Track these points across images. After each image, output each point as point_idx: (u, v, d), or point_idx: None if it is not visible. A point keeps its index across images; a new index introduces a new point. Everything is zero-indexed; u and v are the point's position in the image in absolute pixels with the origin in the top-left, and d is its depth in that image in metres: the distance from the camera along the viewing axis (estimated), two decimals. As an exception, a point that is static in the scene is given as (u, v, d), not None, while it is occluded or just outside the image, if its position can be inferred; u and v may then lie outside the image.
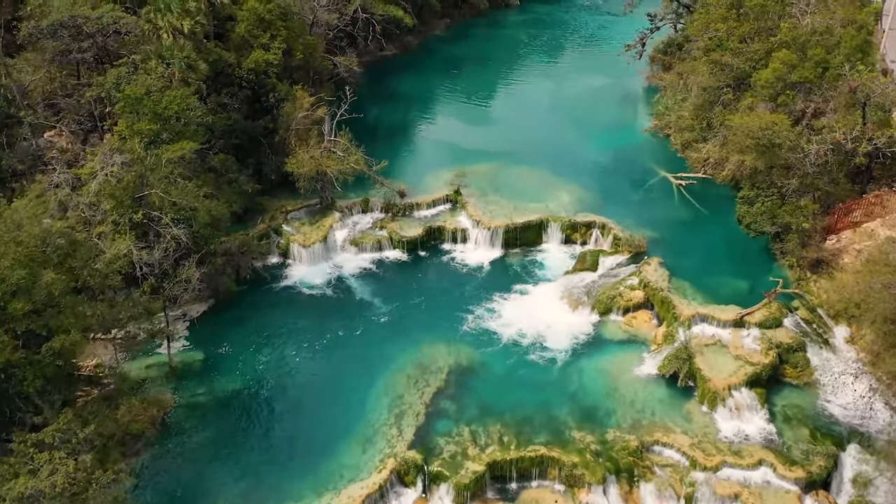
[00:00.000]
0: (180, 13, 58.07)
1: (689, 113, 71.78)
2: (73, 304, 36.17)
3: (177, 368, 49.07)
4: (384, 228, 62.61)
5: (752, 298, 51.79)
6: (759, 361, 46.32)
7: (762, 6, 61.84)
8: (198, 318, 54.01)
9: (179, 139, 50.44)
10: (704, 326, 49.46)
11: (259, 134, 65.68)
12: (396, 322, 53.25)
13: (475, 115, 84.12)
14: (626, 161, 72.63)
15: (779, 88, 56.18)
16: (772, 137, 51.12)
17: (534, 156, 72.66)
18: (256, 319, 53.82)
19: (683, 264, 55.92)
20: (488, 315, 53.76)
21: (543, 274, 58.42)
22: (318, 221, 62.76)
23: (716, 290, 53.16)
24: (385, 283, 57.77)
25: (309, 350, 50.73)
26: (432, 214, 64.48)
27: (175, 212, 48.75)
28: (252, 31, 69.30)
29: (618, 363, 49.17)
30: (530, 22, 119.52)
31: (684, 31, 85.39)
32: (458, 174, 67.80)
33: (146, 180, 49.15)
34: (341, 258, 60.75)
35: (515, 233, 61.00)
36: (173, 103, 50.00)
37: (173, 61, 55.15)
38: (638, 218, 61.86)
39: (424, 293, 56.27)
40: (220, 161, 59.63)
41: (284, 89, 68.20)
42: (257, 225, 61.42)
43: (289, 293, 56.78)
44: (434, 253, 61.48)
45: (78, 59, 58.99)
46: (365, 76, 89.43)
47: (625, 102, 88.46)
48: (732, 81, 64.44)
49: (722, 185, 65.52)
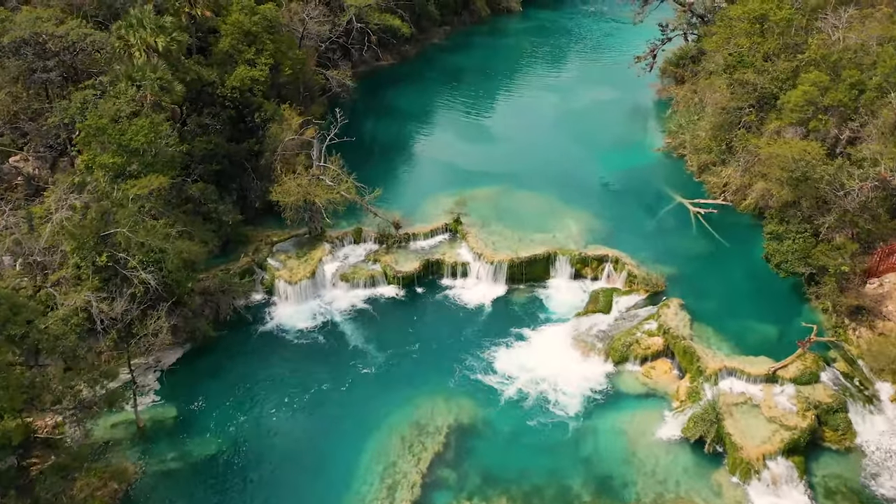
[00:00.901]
0: (154, 29, 53.04)
1: (706, 133, 66.74)
2: (5, 380, 30.91)
3: (145, 427, 44.05)
4: (378, 262, 57.58)
5: (783, 347, 46.85)
6: (795, 425, 41.30)
7: (789, 20, 56.79)
8: (172, 367, 48.97)
9: (149, 172, 45.30)
10: (733, 381, 44.43)
11: (243, 158, 60.65)
12: (390, 372, 48.23)
13: (476, 131, 79.05)
14: (638, 184, 67.61)
15: (810, 112, 51.13)
16: (806, 170, 46.04)
17: (539, 178, 67.70)
18: (236, 368, 48.81)
19: (705, 306, 50.93)
20: (491, 363, 48.75)
21: (552, 315, 53.37)
22: (306, 254, 57.71)
23: (742, 336, 48.18)
24: (378, 325, 52.70)
25: (292, 406, 45.68)
26: (430, 246, 59.47)
27: (143, 254, 43.72)
28: (237, 45, 64.44)
29: (636, 423, 44.17)
30: (533, 29, 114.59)
31: (698, 42, 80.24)
32: (458, 201, 62.79)
33: (111, 217, 44.21)
34: (331, 295, 55.71)
35: (521, 267, 55.98)
36: (140, 134, 44.87)
37: (145, 83, 50.00)
38: (654, 250, 56.88)
39: (421, 337, 51.23)
40: (199, 190, 54.53)
41: (271, 108, 63.26)
42: (240, 259, 56.39)
43: (272, 337, 51.70)
44: (432, 289, 56.44)
45: (43, 78, 53.84)
46: (359, 89, 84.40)
47: (634, 118, 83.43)
48: (755, 101, 59.40)
49: (744, 213, 60.47)
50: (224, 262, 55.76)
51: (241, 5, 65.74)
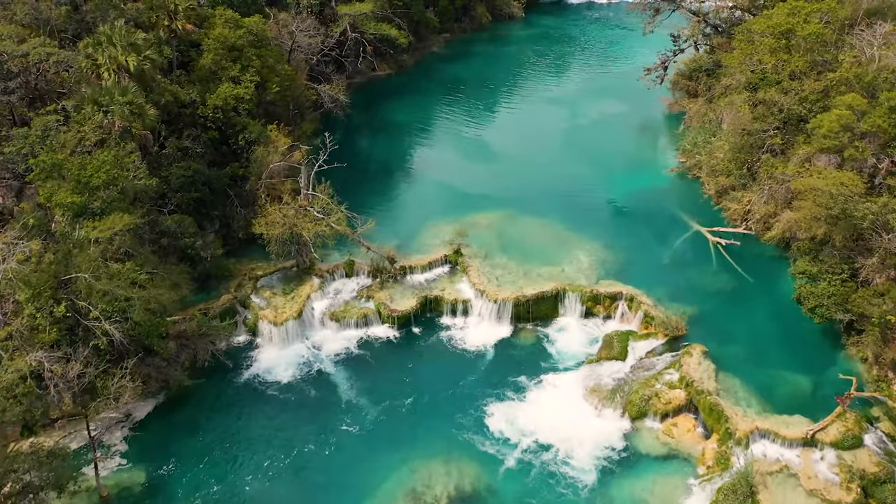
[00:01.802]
0: (125, 47, 48.34)
1: (724, 154, 62.04)
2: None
3: (110, 497, 39.35)
4: (371, 298, 52.88)
5: (819, 402, 42.30)
6: (839, 499, 36.70)
7: (818, 35, 52.09)
8: (143, 421, 44.33)
9: (114, 210, 40.58)
10: (766, 445, 39.80)
11: (225, 184, 56.05)
12: (382, 430, 43.50)
13: (476, 149, 74.35)
14: (651, 209, 62.91)
15: (845, 139, 46.42)
16: (846, 207, 41.37)
17: (544, 202, 63.09)
18: (213, 423, 44.18)
19: (731, 352, 46.32)
20: (495, 419, 44.04)
21: (561, 360, 48.69)
22: (293, 290, 53.04)
23: (772, 389, 43.58)
24: (370, 372, 47.99)
25: (272, 471, 40.96)
26: (429, 280, 54.83)
27: (106, 303, 39.06)
28: (220, 61, 59.90)
29: (657, 492, 39.47)
30: (536, 37, 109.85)
31: (713, 54, 75.46)
32: (458, 229, 58.01)
33: (72, 262, 39.58)
34: (319, 336, 51.05)
35: (527, 306, 51.30)
36: (101, 170, 40.07)
37: (113, 108, 45.27)
38: (671, 286, 52.26)
39: (417, 388, 46.51)
40: (176, 222, 49.89)
41: (256, 129, 58.74)
42: (221, 296, 51.74)
43: (254, 386, 47.00)
44: (430, 329, 51.77)
45: (4, 101, 49.15)
46: (354, 102, 79.53)
47: (644, 134, 78.73)
48: (780, 123, 54.73)
49: (768, 244, 55.75)
50: (204, 300, 51.27)
51: (225, 18, 61.25)
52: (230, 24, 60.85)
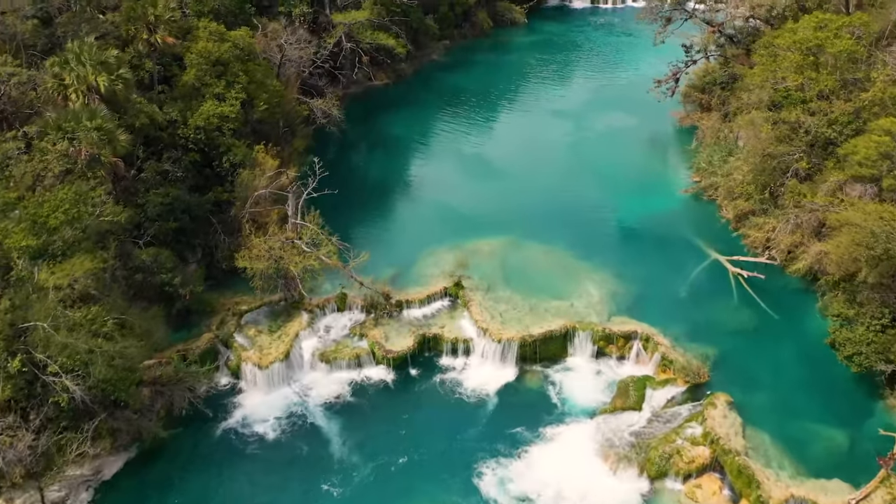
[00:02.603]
0: (95, 66, 44.26)
1: (743, 176, 57.97)
2: None
3: (70, 574, 35.40)
4: (364, 337, 48.83)
5: (858, 462, 38.39)
6: (888, 583, 32.65)
7: (850, 52, 48.03)
8: (111, 480, 40.26)
9: (76, 251, 36.50)
10: (802, 515, 35.76)
11: (207, 211, 52.04)
12: (375, 491, 39.38)
13: (477, 167, 70.22)
14: (664, 234, 58.81)
15: (884, 168, 42.39)
16: (888, 246, 37.34)
17: (550, 226, 59.02)
18: (189, 483, 40.14)
19: (758, 402, 42.33)
20: (500, 478, 39.94)
21: (571, 407, 44.60)
22: (280, 327, 49.03)
23: (806, 446, 39.59)
24: (362, 421, 43.90)
25: (254, 541, 37.01)
26: (426, 315, 50.83)
27: (66, 356, 35.00)
28: (203, 77, 55.85)
29: (683, 567, 35.48)
30: (539, 44, 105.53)
31: (728, 66, 71.33)
32: (458, 258, 54.24)
33: (30, 308, 35.54)
34: (308, 380, 47.01)
35: (533, 346, 47.27)
36: (59, 209, 35.96)
37: (79, 134, 41.18)
38: (689, 323, 48.26)
39: (414, 440, 42.39)
40: (151, 256, 45.89)
41: (241, 151, 54.77)
42: (202, 334, 47.75)
43: (235, 438, 42.94)
44: (428, 370, 47.74)
45: (-37, 124, 45.22)
46: (349, 114, 75.36)
47: (655, 150, 74.64)
48: (806, 146, 50.69)
49: (793, 276, 51.69)
50: (183, 338, 47.42)
51: (210, 31, 57.17)
52: (214, 38, 56.76)
